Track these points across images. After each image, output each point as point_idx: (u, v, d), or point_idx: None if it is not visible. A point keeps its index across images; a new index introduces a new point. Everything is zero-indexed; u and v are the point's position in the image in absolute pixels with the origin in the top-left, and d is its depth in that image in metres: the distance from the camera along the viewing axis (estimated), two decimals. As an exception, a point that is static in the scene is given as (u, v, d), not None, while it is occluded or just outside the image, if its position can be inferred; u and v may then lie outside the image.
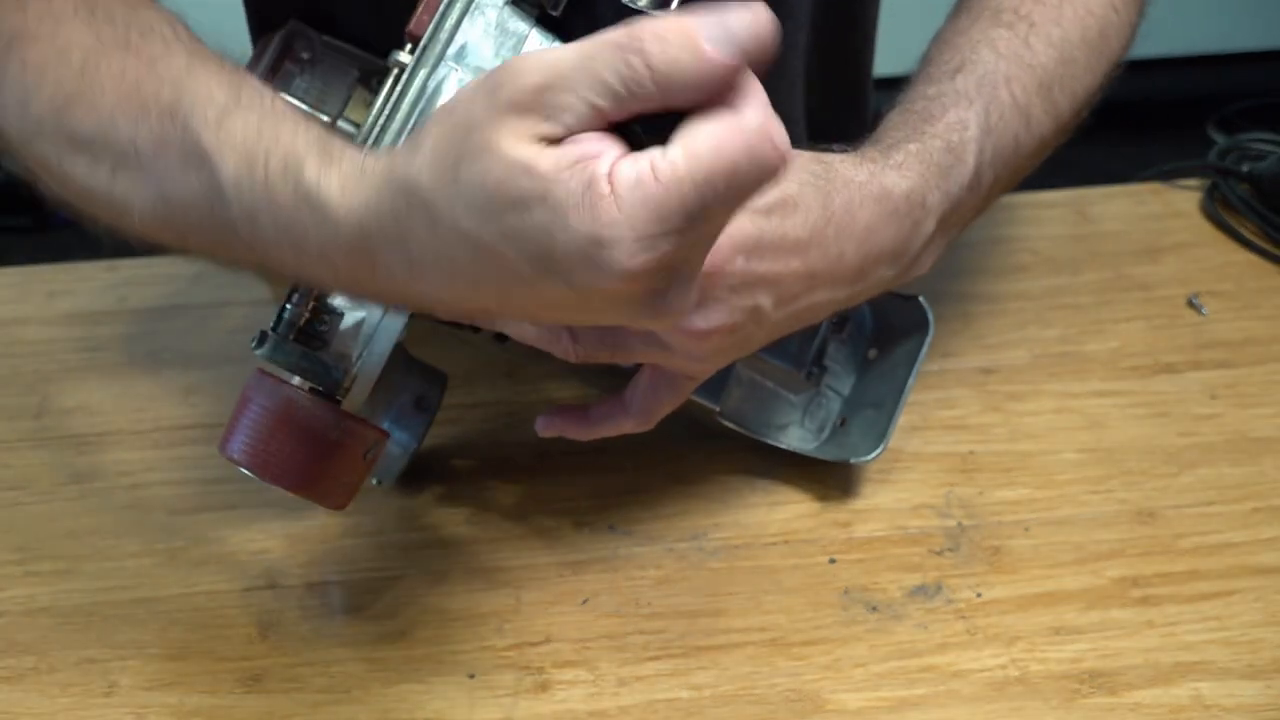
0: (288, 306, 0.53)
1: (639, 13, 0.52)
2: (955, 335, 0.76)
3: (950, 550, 0.62)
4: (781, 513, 0.64)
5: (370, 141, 0.53)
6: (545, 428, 0.60)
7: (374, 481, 0.62)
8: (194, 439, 0.68)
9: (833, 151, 0.57)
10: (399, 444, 0.62)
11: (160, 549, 0.63)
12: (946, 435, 0.69)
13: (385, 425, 0.60)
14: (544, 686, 0.56)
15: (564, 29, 0.56)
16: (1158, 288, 0.80)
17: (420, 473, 0.65)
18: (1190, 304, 0.79)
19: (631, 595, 0.60)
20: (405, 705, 0.55)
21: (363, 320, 0.54)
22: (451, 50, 0.53)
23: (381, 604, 0.60)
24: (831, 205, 0.54)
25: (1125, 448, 0.68)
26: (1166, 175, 0.91)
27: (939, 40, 0.66)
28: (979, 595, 0.60)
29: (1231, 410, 0.70)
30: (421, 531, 0.63)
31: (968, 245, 0.84)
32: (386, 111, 0.53)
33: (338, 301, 0.54)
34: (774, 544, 0.62)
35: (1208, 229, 0.86)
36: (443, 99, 0.53)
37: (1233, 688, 0.55)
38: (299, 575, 0.61)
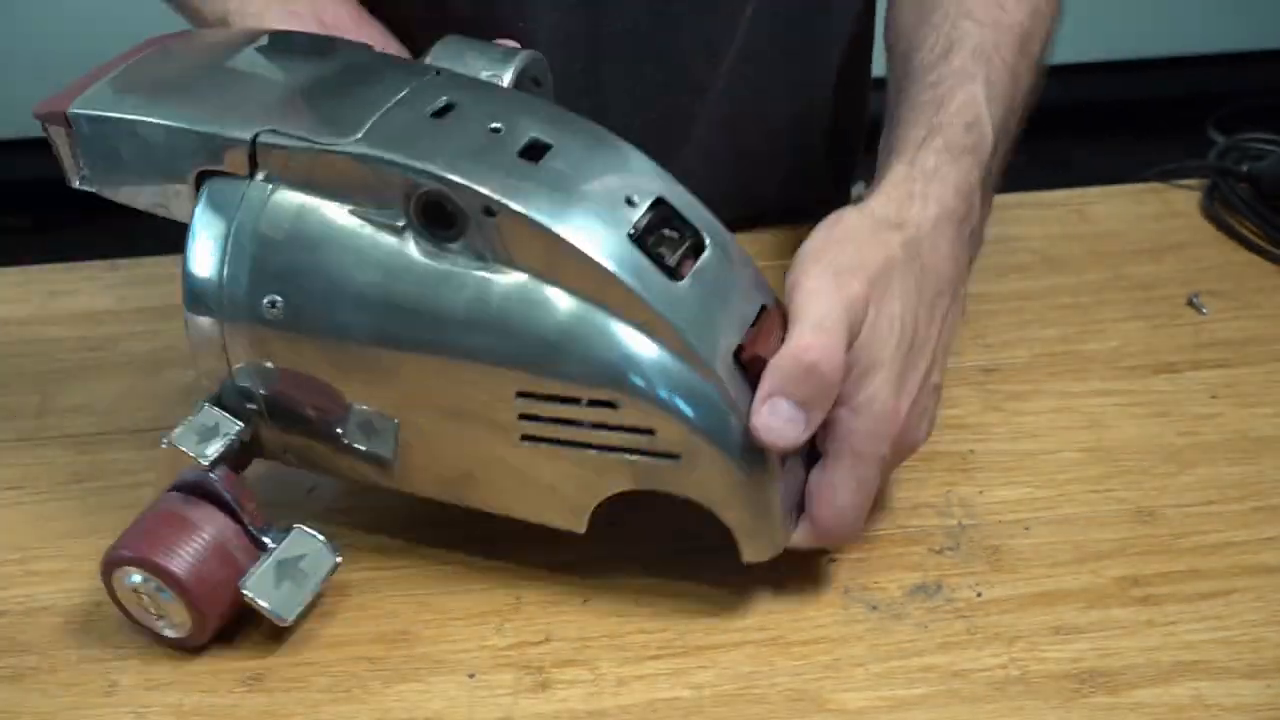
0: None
1: None
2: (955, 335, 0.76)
3: (950, 549, 0.62)
4: (781, 512, 0.64)
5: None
6: None
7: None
8: (194, 439, 0.68)
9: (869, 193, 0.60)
10: None
11: (160, 549, 0.63)
12: (946, 435, 0.69)
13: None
14: (544, 686, 0.56)
15: None
16: (1157, 287, 0.80)
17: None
18: (1190, 304, 0.79)
19: (631, 595, 0.60)
20: (405, 705, 0.55)
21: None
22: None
23: (381, 604, 0.60)
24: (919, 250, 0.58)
25: (1125, 447, 0.68)
26: (1166, 175, 0.91)
27: (908, 23, 0.69)
28: (979, 595, 0.60)
29: (1231, 410, 0.70)
30: (421, 531, 0.63)
31: (968, 245, 0.84)
32: None
33: None
34: (774, 544, 0.62)
35: (1207, 229, 0.86)
36: None
37: (1233, 687, 0.55)
38: (299, 575, 0.61)
